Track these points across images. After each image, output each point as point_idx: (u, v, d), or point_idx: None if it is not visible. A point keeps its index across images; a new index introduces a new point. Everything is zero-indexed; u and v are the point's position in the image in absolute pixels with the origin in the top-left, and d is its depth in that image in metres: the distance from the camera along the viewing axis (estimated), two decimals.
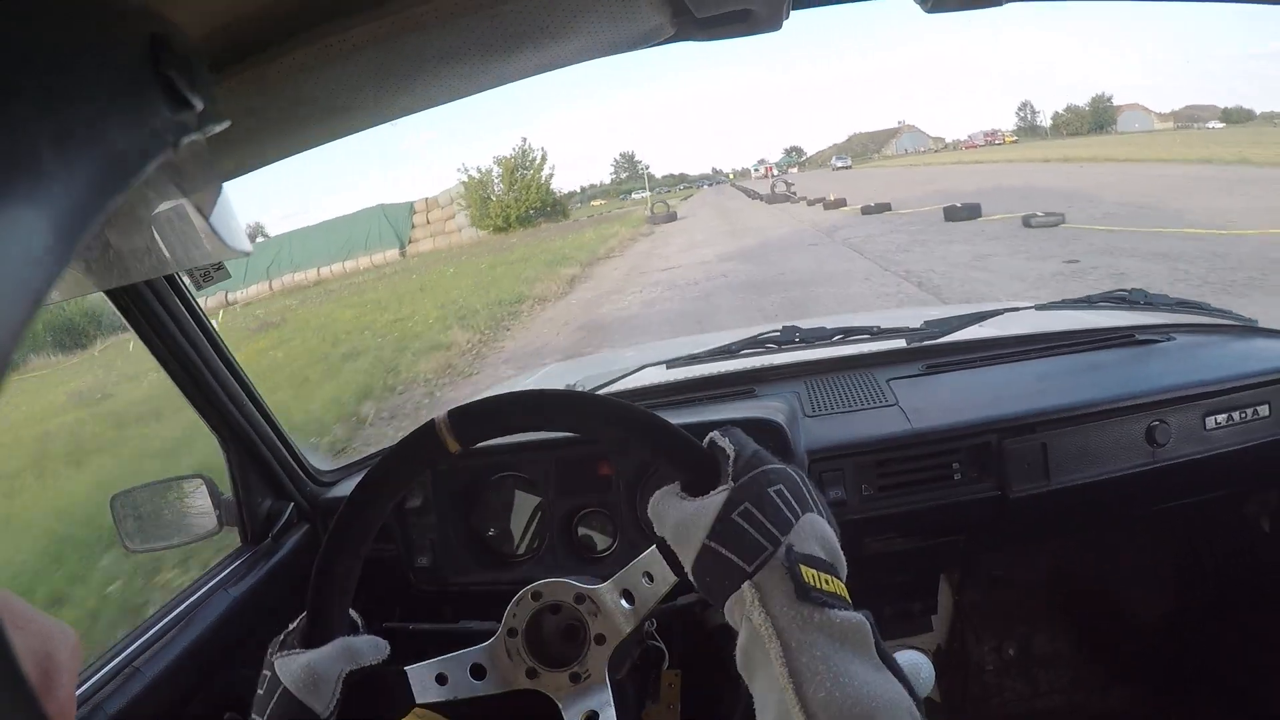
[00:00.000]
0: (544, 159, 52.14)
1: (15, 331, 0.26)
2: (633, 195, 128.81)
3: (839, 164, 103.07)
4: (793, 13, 1.06)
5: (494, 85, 1.10)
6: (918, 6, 1.09)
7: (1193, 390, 1.59)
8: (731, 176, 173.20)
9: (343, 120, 1.10)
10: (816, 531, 0.79)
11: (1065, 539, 2.27)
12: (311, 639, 1.01)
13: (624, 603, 1.01)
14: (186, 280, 1.46)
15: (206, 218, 0.56)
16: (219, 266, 1.44)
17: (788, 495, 0.81)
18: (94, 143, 0.31)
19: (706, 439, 0.91)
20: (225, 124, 0.43)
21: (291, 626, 1.06)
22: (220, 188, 0.56)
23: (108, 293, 1.39)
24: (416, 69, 0.97)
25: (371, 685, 1.03)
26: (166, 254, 0.63)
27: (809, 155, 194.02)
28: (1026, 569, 2.32)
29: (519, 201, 50.07)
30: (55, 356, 18.90)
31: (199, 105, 0.39)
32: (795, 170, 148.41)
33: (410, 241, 46.98)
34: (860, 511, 1.54)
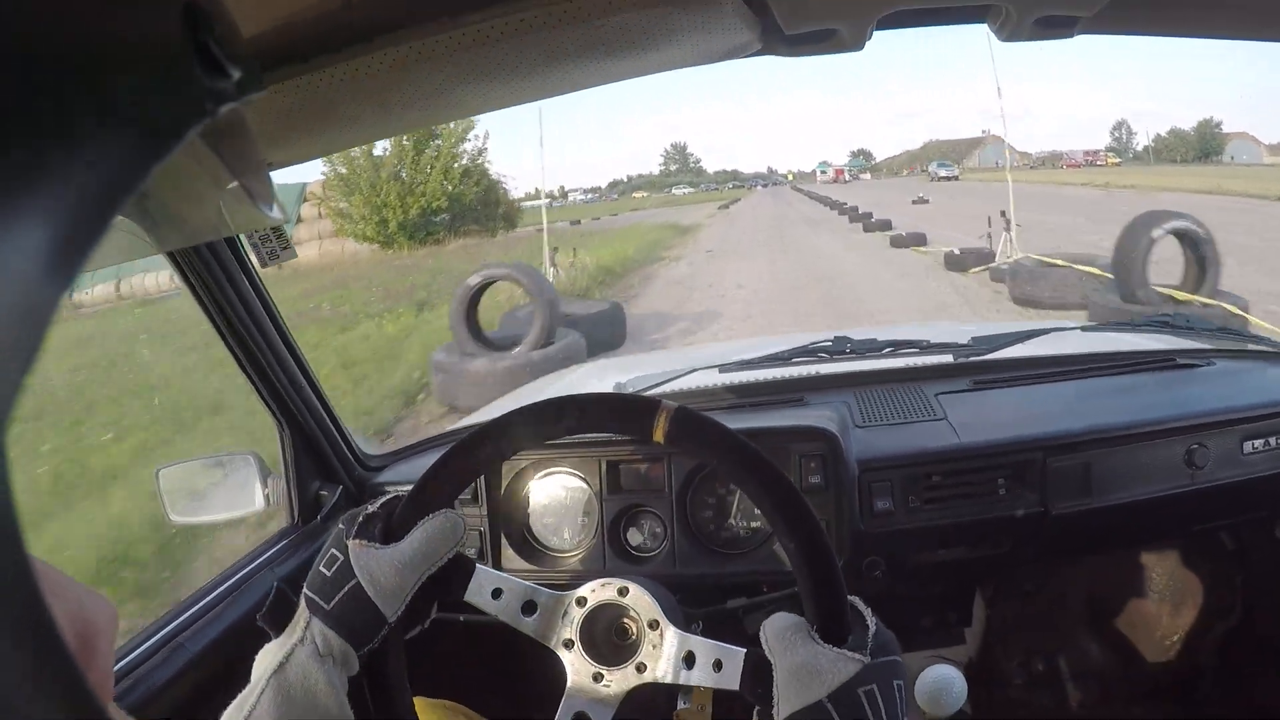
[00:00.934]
0: (468, 128, 27.86)
1: (52, 305, 0.27)
2: (673, 190, 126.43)
3: (941, 172, 78.92)
4: (875, 33, 1.08)
5: (581, 88, 1.15)
6: (993, 34, 1.11)
7: (1231, 415, 1.60)
8: (790, 177, 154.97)
9: (450, 109, 1.14)
10: None
11: (1099, 558, 2.28)
12: (395, 530, 0.99)
13: (683, 662, 1.00)
14: (252, 257, 1.48)
15: (246, 184, 0.57)
16: (286, 245, 1.47)
17: (902, 694, 0.85)
18: (133, 110, 0.32)
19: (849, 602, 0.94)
20: (264, 91, 0.44)
21: (372, 508, 1.02)
22: (259, 155, 0.56)
23: (179, 271, 1.42)
24: (526, 67, 1.01)
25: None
26: (211, 218, 0.64)
27: (877, 161, 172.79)
28: (1058, 584, 2.33)
29: (414, 195, 26.76)
30: None
31: (236, 73, 0.39)
32: (867, 176, 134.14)
33: (295, 243, 27.13)
34: (906, 523, 1.55)
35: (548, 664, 1.05)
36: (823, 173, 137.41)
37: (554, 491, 1.64)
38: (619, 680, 1.01)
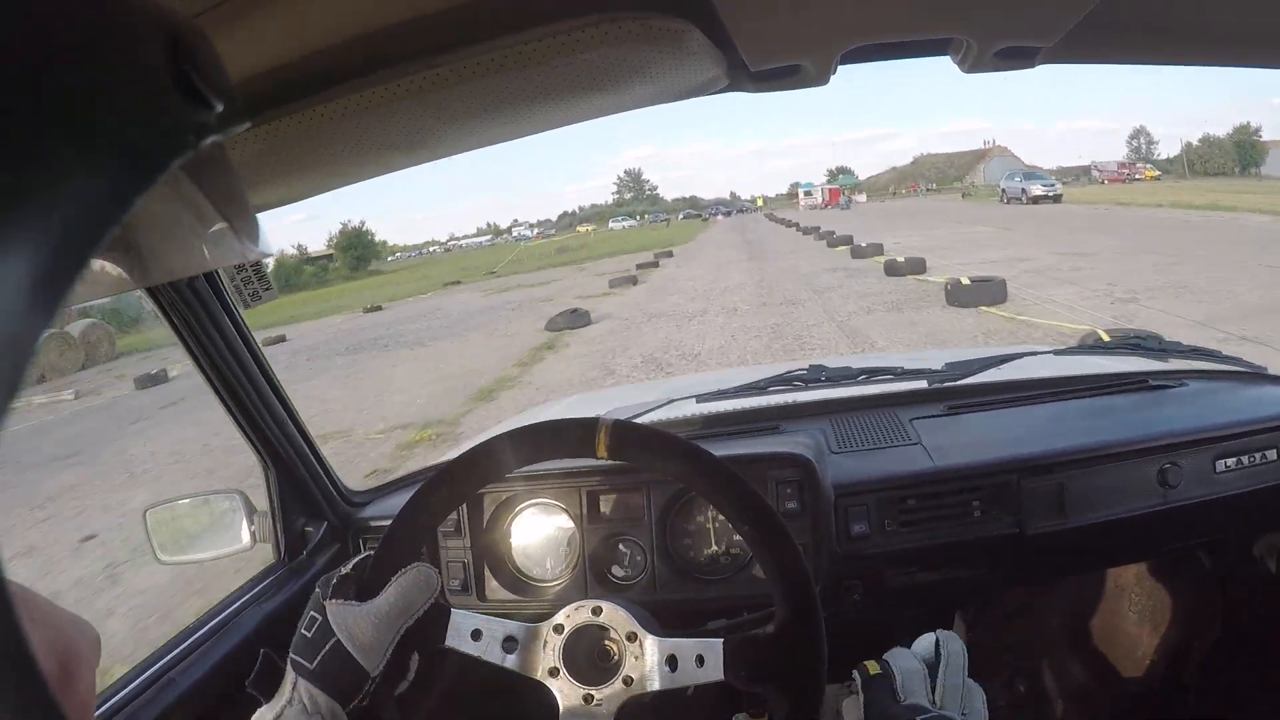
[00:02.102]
0: None
1: (34, 338, 0.27)
2: (610, 224, 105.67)
3: (1035, 188, 46.76)
4: (840, 68, 1.11)
5: (551, 127, 1.18)
6: (956, 67, 1.14)
7: (1203, 434, 1.63)
8: (760, 203, 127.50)
9: (421, 151, 1.16)
10: None
11: (1077, 578, 2.31)
12: (369, 587, 1.03)
13: (666, 666, 1.04)
14: (233, 295, 1.51)
15: (229, 218, 0.57)
16: (268, 287, 1.50)
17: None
18: (116, 143, 0.31)
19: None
20: (246, 125, 0.44)
21: (346, 569, 1.07)
22: (242, 189, 0.57)
23: (160, 308, 1.44)
24: (494, 107, 1.04)
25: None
26: (192, 253, 0.66)
27: (860, 180, 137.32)
28: (1038, 606, 2.35)
29: None
30: None
31: (219, 105, 0.39)
32: (862, 197, 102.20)
33: None
34: (883, 545, 1.57)
35: (541, 693, 1.07)
36: (807, 194, 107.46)
37: (536, 522, 1.65)
38: (609, 698, 1.04)
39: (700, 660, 1.04)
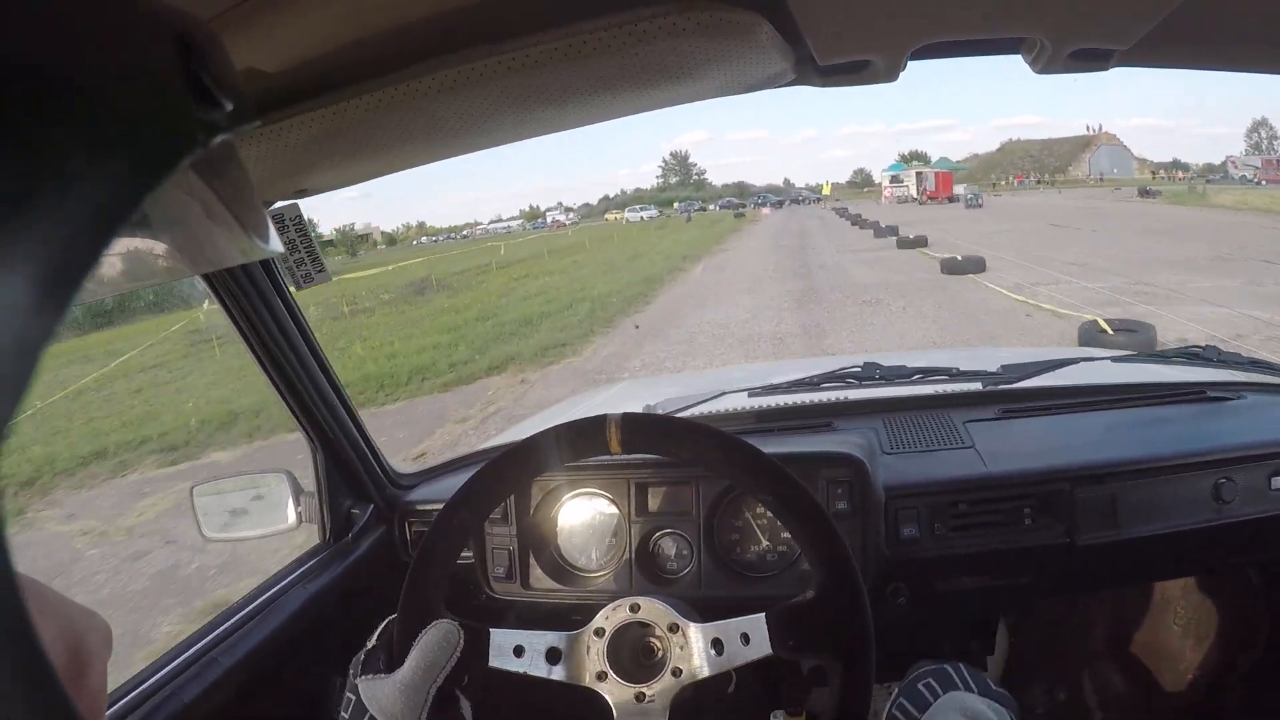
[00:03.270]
0: None
1: (46, 336, 0.27)
2: (626, 214, 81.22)
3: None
4: (910, 64, 1.09)
5: (615, 117, 1.17)
6: (1028, 67, 1.12)
7: (1260, 450, 1.59)
8: (827, 190, 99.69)
9: (491, 135, 1.16)
10: None
11: (1123, 590, 2.27)
12: (397, 655, 1.06)
13: (712, 650, 1.05)
14: (286, 277, 1.52)
15: (239, 216, 0.56)
16: (320, 268, 1.50)
17: None
18: (125, 142, 0.31)
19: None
20: (256, 124, 0.43)
21: (372, 643, 1.10)
22: (251, 187, 0.56)
23: (212, 288, 1.46)
24: (563, 95, 1.04)
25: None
26: (192, 254, 0.66)
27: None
28: (1082, 615, 2.32)
29: None
30: None
31: (228, 104, 0.39)
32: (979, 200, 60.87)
33: None
34: (932, 550, 1.56)
35: (592, 699, 1.08)
36: (895, 180, 76.86)
37: (583, 512, 1.65)
38: (660, 692, 1.05)
39: (745, 638, 1.04)
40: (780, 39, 0.97)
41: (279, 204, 1.40)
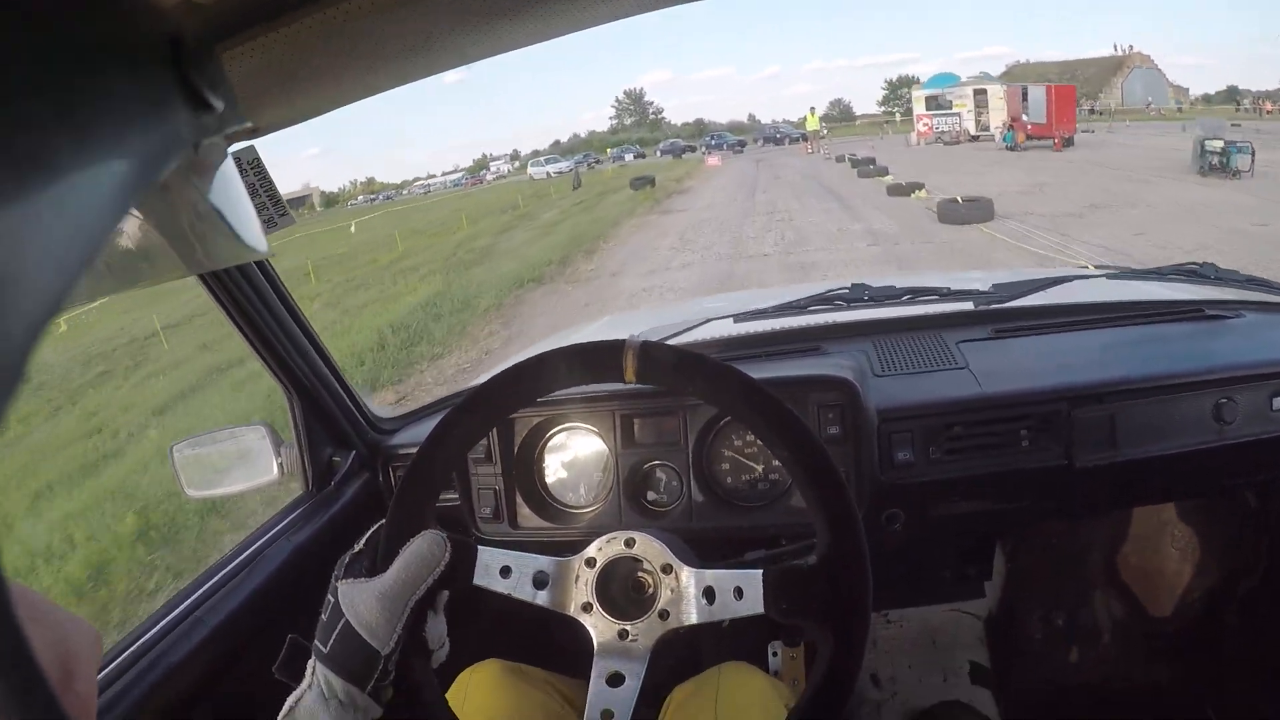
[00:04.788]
0: None
1: (37, 330, 0.27)
2: (530, 170, 60.99)
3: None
4: None
5: (522, 45, 1.11)
6: None
7: (1261, 369, 1.57)
8: (813, 124, 47.08)
9: (428, 60, 1.11)
10: None
11: (1121, 514, 2.28)
12: (381, 560, 1.02)
13: (704, 599, 1.02)
14: None
15: (225, 218, 0.57)
16: (284, 213, 1.45)
17: None
18: (114, 143, 0.32)
19: None
20: (246, 124, 0.44)
21: (359, 545, 1.06)
22: (240, 188, 0.57)
23: None
24: (497, 11, 0.98)
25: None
26: (182, 255, 0.63)
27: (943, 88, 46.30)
28: (1079, 540, 2.32)
29: None
30: None
31: (219, 106, 0.39)
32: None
33: None
34: (927, 474, 1.53)
35: (575, 629, 1.05)
36: (936, 108, 40.29)
37: (569, 447, 1.63)
38: (645, 632, 1.02)
39: (739, 593, 1.00)
40: None
41: (235, 146, 1.35)
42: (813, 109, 45.13)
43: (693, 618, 1.01)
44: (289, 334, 1.59)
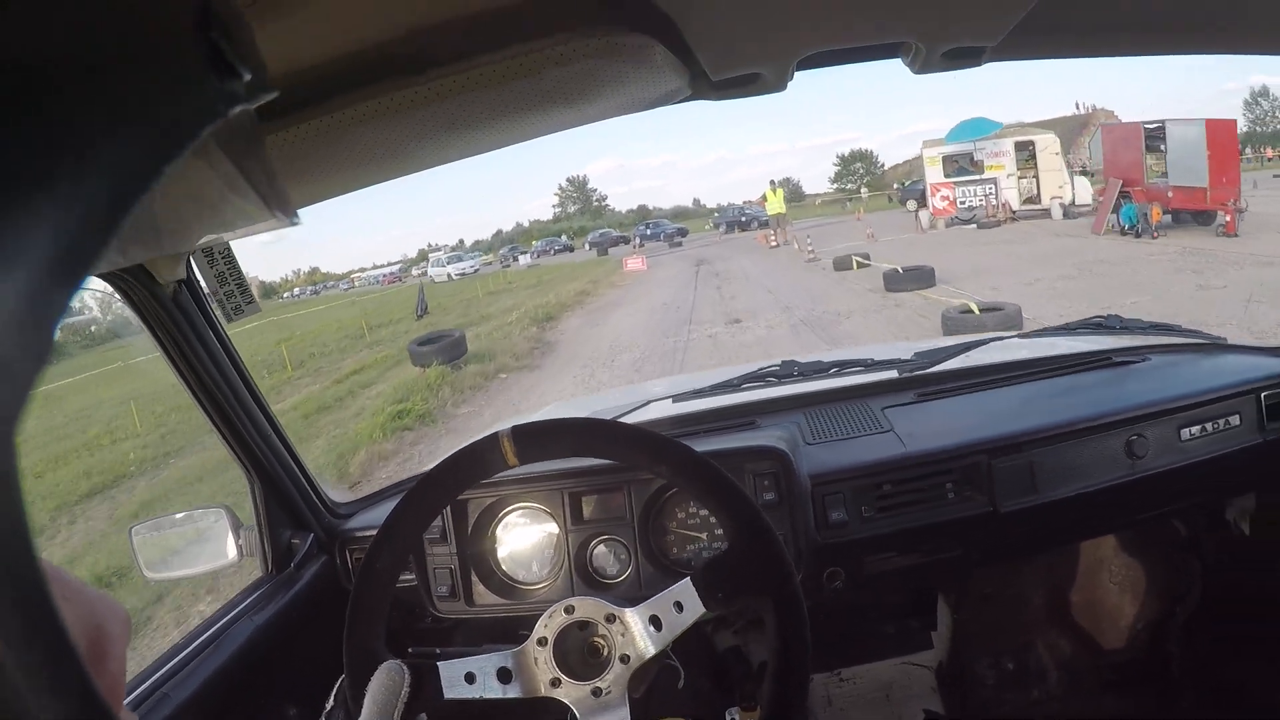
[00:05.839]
0: None
1: (60, 308, 0.27)
2: (429, 270, 47.11)
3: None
4: (796, 74, 1.16)
5: (525, 139, 1.21)
6: (907, 69, 1.19)
7: (1167, 405, 1.69)
8: (776, 204, 27.28)
9: (396, 165, 1.19)
10: None
11: (1056, 554, 2.36)
12: (352, 711, 1.09)
13: (651, 628, 1.09)
14: (217, 310, 1.53)
15: (257, 187, 0.56)
16: (250, 300, 1.52)
17: None
18: (144, 114, 0.31)
19: None
20: (274, 94, 0.43)
21: (330, 705, 1.14)
22: (268, 158, 0.56)
23: (144, 321, 1.45)
24: (467, 123, 1.08)
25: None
26: (218, 222, 0.67)
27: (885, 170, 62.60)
28: (1020, 585, 2.40)
29: None
30: None
31: (247, 75, 0.38)
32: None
33: None
34: (861, 532, 1.61)
35: (553, 706, 1.12)
36: (959, 171, 23.53)
37: (521, 526, 1.67)
38: (614, 682, 1.09)
39: (679, 606, 1.09)
40: (673, 58, 1.02)
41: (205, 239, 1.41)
42: (774, 184, 28.02)
43: (650, 649, 1.09)
44: (252, 418, 1.64)
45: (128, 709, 0.48)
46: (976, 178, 23.01)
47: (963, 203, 23.14)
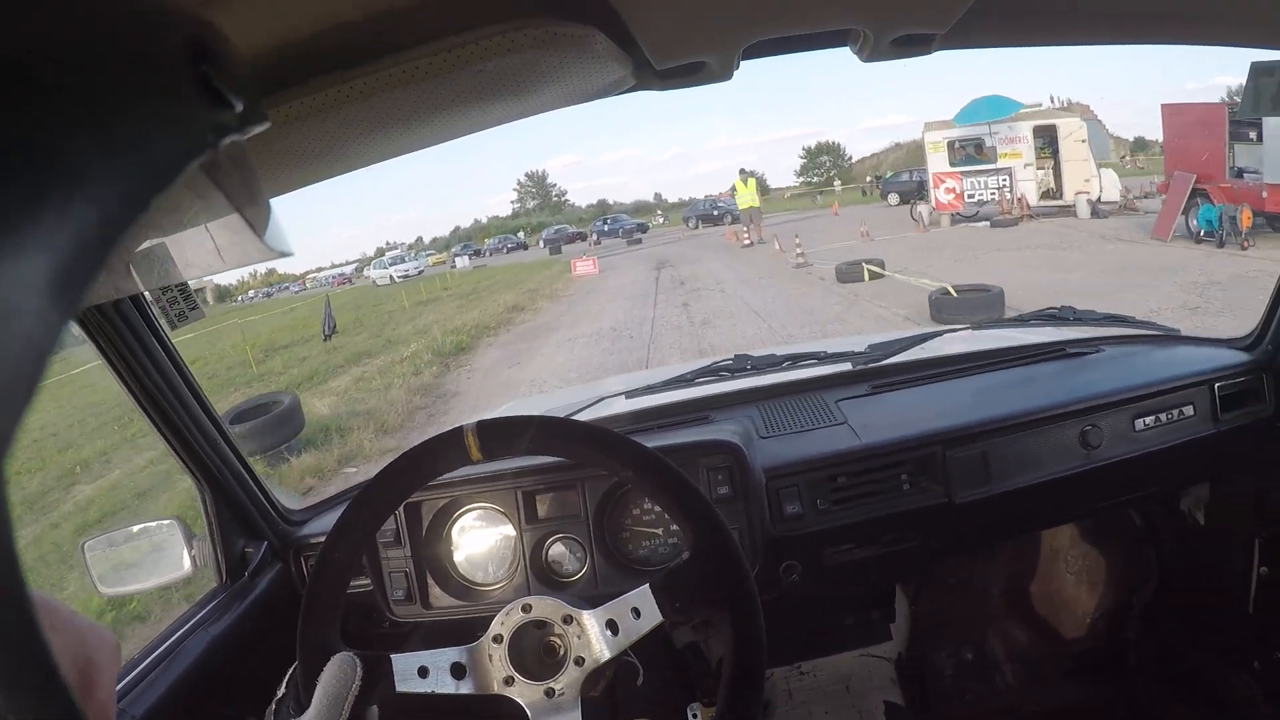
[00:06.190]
0: None
1: (53, 336, 0.27)
2: (371, 272, 44.57)
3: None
4: (742, 63, 1.15)
5: (467, 133, 1.20)
6: (855, 56, 1.19)
7: (1121, 396, 1.71)
8: (749, 197, 22.14)
9: (332, 164, 1.17)
10: None
11: (1013, 545, 2.39)
12: (303, 698, 1.07)
13: (608, 632, 1.09)
14: (160, 317, 1.50)
15: (248, 218, 0.56)
16: (194, 306, 1.49)
17: None
18: (136, 146, 0.31)
19: None
20: (266, 124, 0.44)
21: (281, 692, 1.11)
22: (259, 187, 0.55)
23: (87, 333, 1.43)
24: (407, 117, 1.06)
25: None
26: (213, 257, 0.66)
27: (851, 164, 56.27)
28: (978, 576, 2.42)
29: None
30: None
31: (239, 105, 0.38)
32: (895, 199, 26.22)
33: None
34: (817, 524, 1.61)
35: (505, 704, 1.10)
36: (977, 166, 19.56)
37: (476, 527, 1.66)
38: (568, 684, 1.08)
39: (636, 613, 1.09)
40: (615, 47, 1.01)
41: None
42: (745, 174, 22.70)
43: (605, 653, 1.08)
44: (199, 426, 1.61)
45: None
46: (988, 167, 19.27)
47: (971, 196, 19.51)
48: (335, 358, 14.97)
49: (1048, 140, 18.94)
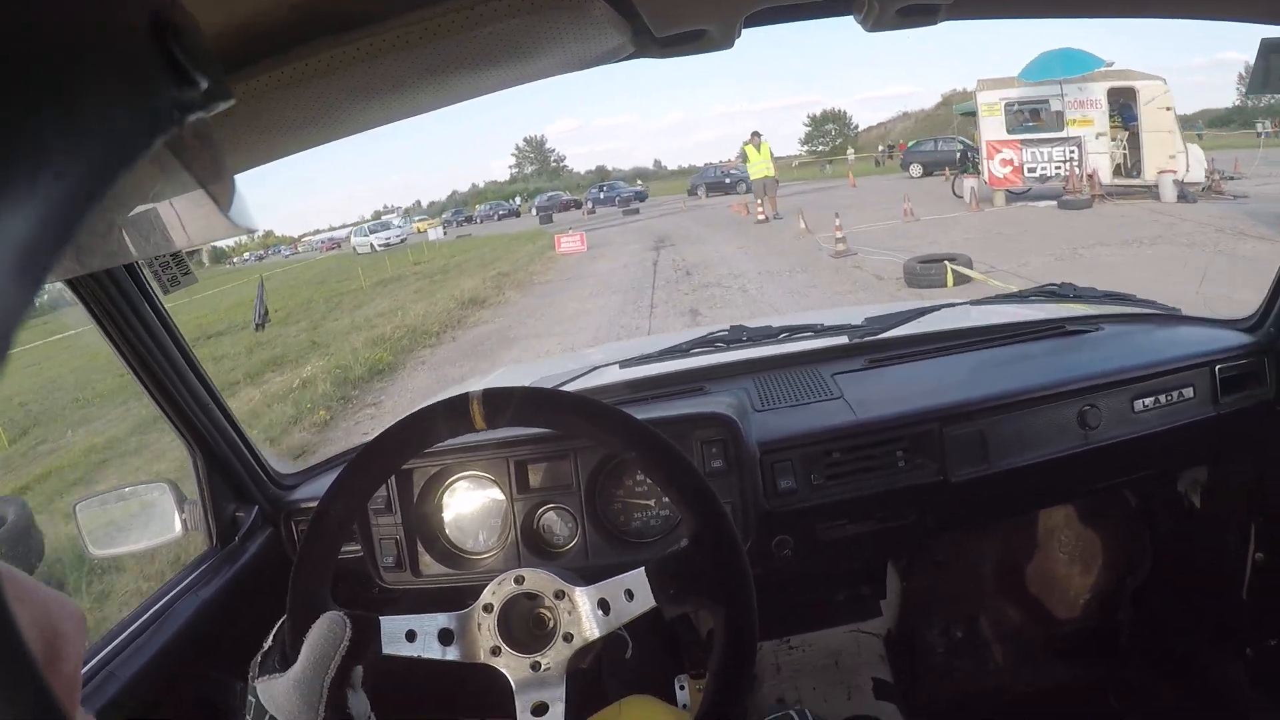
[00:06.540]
0: None
1: (18, 313, 0.27)
2: (352, 239, 40.85)
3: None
4: (744, 31, 1.13)
5: (462, 99, 1.18)
6: (859, 26, 1.17)
7: (1120, 375, 1.69)
8: (762, 165, 18.44)
9: (335, 127, 1.16)
10: None
11: (1007, 523, 2.38)
12: (290, 653, 1.06)
13: (599, 611, 1.08)
14: (152, 281, 1.49)
15: (214, 195, 0.55)
16: (186, 271, 1.47)
17: None
18: (100, 123, 0.31)
19: None
20: (231, 102, 0.42)
21: (268, 645, 1.11)
22: (225, 165, 0.55)
23: (79, 297, 1.42)
24: (403, 82, 1.04)
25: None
26: (174, 233, 0.66)
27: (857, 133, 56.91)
28: (970, 554, 2.42)
29: None
30: None
31: (204, 83, 0.38)
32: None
33: None
34: (811, 499, 1.61)
35: (490, 674, 1.10)
36: (1040, 134, 15.65)
37: (467, 495, 1.66)
38: (554, 659, 1.07)
39: (630, 595, 1.07)
40: (614, 13, 0.99)
41: None
42: (757, 138, 19.26)
43: (595, 632, 1.07)
44: (191, 390, 1.60)
45: (84, 711, 0.46)
46: (1055, 135, 15.62)
47: (1031, 170, 15.92)
48: (252, 361, 12.17)
49: (1120, 106, 15.29)
